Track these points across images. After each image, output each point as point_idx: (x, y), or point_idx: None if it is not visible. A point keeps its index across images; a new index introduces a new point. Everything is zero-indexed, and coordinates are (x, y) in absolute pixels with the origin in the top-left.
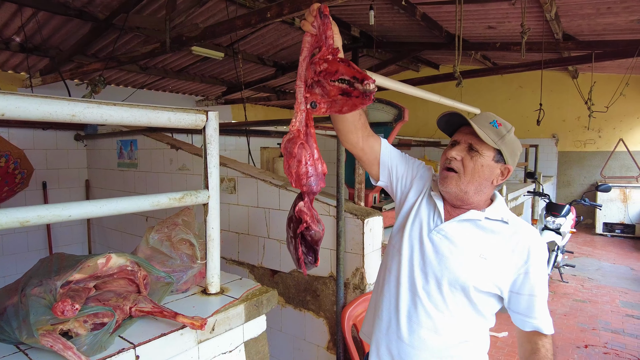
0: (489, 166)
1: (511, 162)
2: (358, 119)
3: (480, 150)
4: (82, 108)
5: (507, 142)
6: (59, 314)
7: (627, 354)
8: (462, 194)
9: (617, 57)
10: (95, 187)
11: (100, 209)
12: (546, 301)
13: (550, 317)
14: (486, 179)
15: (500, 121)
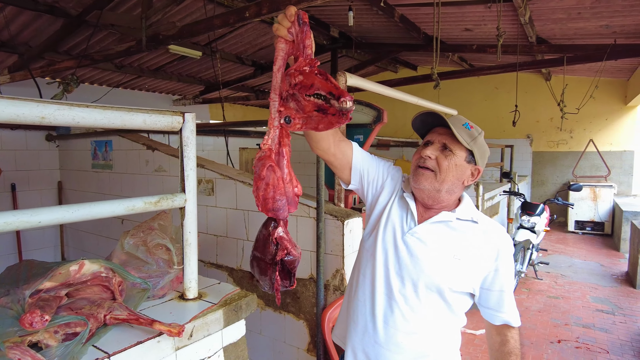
0: (461, 166)
1: (481, 164)
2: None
3: (454, 150)
4: (52, 110)
5: (478, 144)
6: (27, 325)
7: (598, 348)
8: (435, 192)
9: (587, 60)
10: (68, 189)
11: (72, 214)
12: (513, 295)
13: (517, 310)
14: (458, 179)
15: (471, 124)
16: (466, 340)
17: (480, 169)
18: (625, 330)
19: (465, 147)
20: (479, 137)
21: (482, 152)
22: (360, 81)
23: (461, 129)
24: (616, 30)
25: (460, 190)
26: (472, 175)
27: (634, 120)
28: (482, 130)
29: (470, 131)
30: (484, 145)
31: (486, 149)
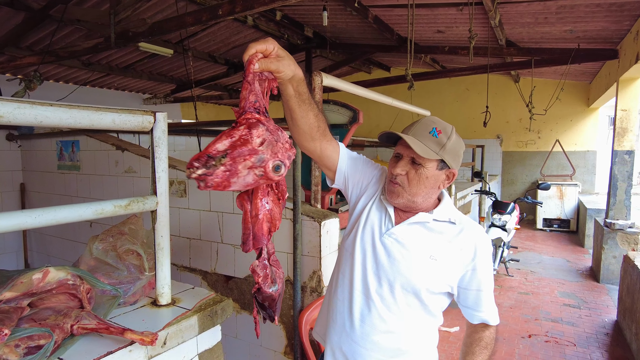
0: (433, 175)
1: (455, 166)
2: (316, 129)
3: (423, 163)
4: (11, 108)
5: (449, 149)
6: None
7: (565, 341)
8: (410, 203)
9: (553, 63)
10: (32, 191)
11: (35, 219)
12: (492, 294)
13: (496, 308)
14: (432, 187)
15: (440, 127)
16: (441, 337)
17: (455, 171)
18: (591, 323)
19: (435, 158)
20: (449, 141)
21: (455, 154)
22: (335, 81)
23: (427, 139)
24: (580, 35)
25: (437, 193)
26: (447, 178)
27: (596, 122)
28: (452, 128)
29: (437, 138)
30: (456, 144)
31: (460, 145)
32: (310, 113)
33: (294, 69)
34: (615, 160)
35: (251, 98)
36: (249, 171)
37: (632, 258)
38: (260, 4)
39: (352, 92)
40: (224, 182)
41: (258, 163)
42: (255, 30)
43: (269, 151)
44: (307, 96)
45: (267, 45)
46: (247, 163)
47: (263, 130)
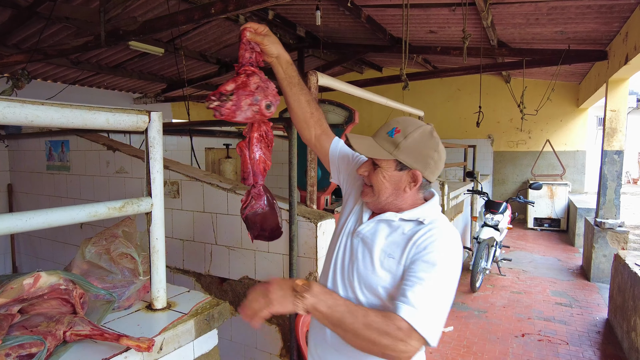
0: (392, 177)
1: (418, 167)
2: (310, 116)
3: (380, 164)
4: (1, 107)
5: (406, 148)
6: None
7: (558, 339)
8: (377, 203)
9: (544, 64)
10: (20, 192)
11: (26, 222)
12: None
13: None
14: (396, 189)
15: (402, 127)
16: None
17: (417, 172)
18: (582, 321)
19: (388, 158)
20: (406, 141)
21: (418, 154)
22: (331, 81)
23: (383, 139)
24: (570, 36)
25: (410, 196)
26: (412, 180)
27: (585, 122)
28: (418, 127)
29: (393, 138)
30: (418, 144)
31: (425, 146)
32: (302, 97)
33: (278, 49)
34: (605, 160)
35: (247, 55)
36: (249, 107)
37: (623, 257)
38: (253, 2)
39: (348, 92)
40: (231, 114)
41: (255, 101)
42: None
43: (262, 93)
44: (297, 80)
45: (259, 26)
46: (247, 101)
47: (257, 78)
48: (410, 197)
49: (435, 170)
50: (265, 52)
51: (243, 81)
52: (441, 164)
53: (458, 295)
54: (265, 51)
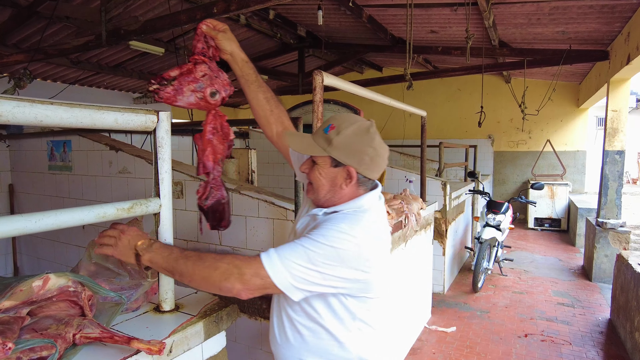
0: (328, 173)
1: (352, 163)
2: (270, 113)
3: (317, 161)
4: (10, 107)
5: (338, 145)
6: None
7: (561, 340)
8: (317, 200)
9: (545, 64)
10: (21, 192)
11: (35, 224)
12: (298, 254)
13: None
14: (333, 185)
15: (337, 123)
16: (438, 338)
17: (351, 169)
18: (585, 321)
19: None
20: (339, 136)
21: (352, 150)
22: (336, 81)
23: (319, 136)
24: (571, 37)
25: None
26: (348, 176)
27: (585, 122)
28: (353, 124)
29: (327, 134)
30: (351, 141)
31: (360, 142)
32: (260, 95)
33: (232, 46)
34: (607, 160)
35: (199, 45)
36: (191, 93)
37: (626, 257)
38: (256, 2)
39: (353, 92)
40: (171, 98)
41: (198, 88)
42: (247, 29)
43: (208, 82)
44: (254, 78)
45: (218, 23)
46: (190, 87)
47: (205, 67)
48: (348, 193)
49: (372, 166)
50: (220, 48)
51: (189, 68)
52: (379, 160)
53: (460, 296)
54: (219, 46)
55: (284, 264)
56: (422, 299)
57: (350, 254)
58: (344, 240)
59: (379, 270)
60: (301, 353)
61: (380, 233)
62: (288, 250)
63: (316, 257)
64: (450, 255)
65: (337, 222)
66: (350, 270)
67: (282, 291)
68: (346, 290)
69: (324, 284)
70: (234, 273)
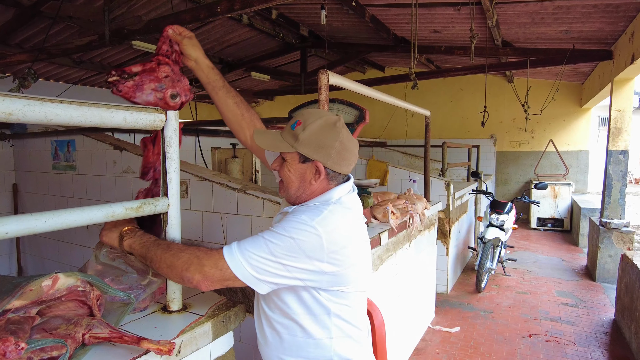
0: (297, 170)
1: (318, 157)
2: (241, 118)
3: (285, 157)
4: (20, 105)
5: (304, 140)
6: None
7: (565, 340)
8: (289, 197)
9: (549, 64)
10: (25, 192)
11: (45, 223)
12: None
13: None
14: (302, 181)
15: (304, 119)
16: (442, 338)
17: (319, 164)
18: (589, 322)
19: (289, 151)
20: (304, 132)
21: (317, 146)
22: (342, 80)
23: (287, 132)
24: (575, 36)
25: (316, 188)
26: (316, 172)
27: (588, 122)
28: (318, 119)
29: (294, 130)
30: (316, 135)
31: (325, 137)
32: (229, 100)
33: (197, 53)
34: (610, 160)
35: (164, 47)
36: (151, 91)
37: (631, 257)
38: (260, 1)
39: (358, 92)
40: (130, 93)
41: (159, 88)
42: (250, 29)
43: (170, 83)
44: (221, 84)
45: (184, 29)
46: (151, 85)
47: (168, 69)
48: (318, 188)
49: (339, 160)
50: (184, 53)
51: (152, 66)
52: (347, 154)
53: (463, 296)
54: (184, 52)
55: (243, 256)
56: (425, 299)
57: (310, 245)
58: (303, 231)
59: (353, 262)
60: (280, 352)
61: (348, 224)
62: (249, 243)
63: (276, 248)
64: (454, 255)
65: (298, 214)
66: (313, 262)
67: (245, 283)
68: (314, 283)
69: (288, 275)
70: (194, 263)
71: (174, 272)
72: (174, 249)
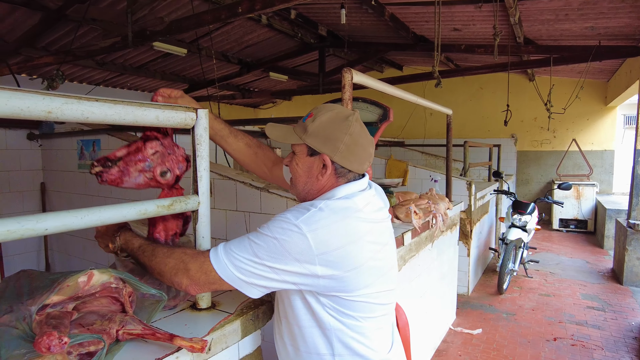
0: (305, 163)
1: (325, 150)
2: (255, 157)
3: (295, 151)
4: (59, 104)
5: (313, 132)
6: (43, 350)
7: (592, 344)
8: (297, 194)
9: (573, 61)
10: (52, 190)
11: (81, 220)
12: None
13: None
14: (308, 176)
15: (316, 112)
16: (464, 340)
17: (325, 157)
18: (617, 326)
19: (298, 142)
20: (314, 123)
21: (323, 138)
22: (365, 79)
23: (299, 126)
24: (601, 32)
25: (323, 185)
26: (323, 166)
27: (613, 121)
28: (329, 111)
29: (304, 123)
30: (325, 127)
31: (331, 129)
32: (240, 144)
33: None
34: (638, 160)
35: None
36: (139, 173)
37: None
38: (281, 1)
39: (381, 90)
40: (117, 180)
41: (147, 168)
42: (269, 29)
43: (159, 160)
44: (227, 131)
45: (171, 91)
46: (138, 167)
47: (157, 143)
48: (327, 185)
49: (348, 155)
50: None
51: (137, 146)
52: (358, 150)
53: (485, 297)
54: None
55: (228, 258)
56: (447, 300)
57: (295, 246)
58: (287, 230)
59: (355, 265)
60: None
61: (345, 223)
62: (234, 244)
63: (259, 249)
64: (475, 256)
65: (285, 213)
66: (302, 265)
67: (232, 286)
68: (309, 287)
69: (276, 278)
70: (181, 268)
71: (165, 278)
72: (158, 255)
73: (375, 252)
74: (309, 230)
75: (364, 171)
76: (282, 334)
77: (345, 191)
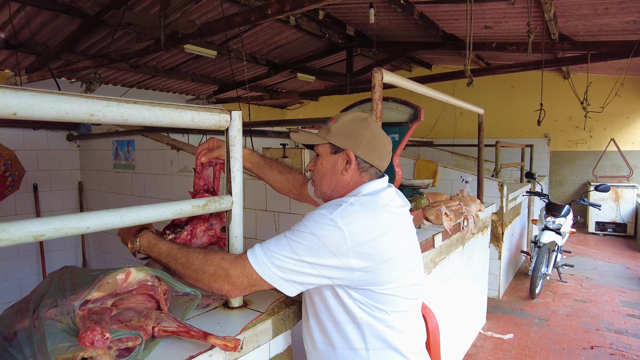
0: (329, 160)
1: (348, 145)
2: (286, 182)
3: (319, 152)
4: (101, 107)
5: (335, 131)
6: (87, 344)
7: (634, 355)
8: (322, 195)
9: (613, 57)
10: (89, 189)
11: (120, 219)
12: (280, 243)
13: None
14: (333, 173)
15: (337, 116)
16: (494, 344)
17: (349, 151)
18: None
19: (322, 142)
20: (335, 124)
21: (346, 134)
22: (396, 78)
23: (322, 130)
24: None
25: (348, 181)
26: (347, 161)
27: None
28: (351, 113)
29: (327, 125)
30: (347, 125)
31: (352, 125)
32: (274, 173)
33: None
34: None
35: (201, 182)
36: (204, 233)
37: None
38: (310, 1)
39: (411, 89)
40: (187, 243)
41: (210, 227)
42: (297, 30)
43: (217, 217)
44: (263, 163)
45: (209, 143)
46: (202, 227)
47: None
48: (351, 181)
49: (370, 150)
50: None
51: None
52: (378, 145)
53: (516, 302)
54: (222, 158)
55: (268, 258)
56: (477, 304)
57: (333, 240)
58: (324, 225)
59: (387, 257)
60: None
61: (375, 217)
62: (272, 243)
63: (297, 246)
64: (506, 259)
65: (318, 209)
66: (338, 258)
67: (272, 286)
68: (343, 281)
69: (314, 274)
70: (221, 275)
71: (202, 285)
72: (194, 262)
73: (403, 246)
74: (344, 223)
75: (384, 168)
76: (312, 332)
77: (370, 188)
